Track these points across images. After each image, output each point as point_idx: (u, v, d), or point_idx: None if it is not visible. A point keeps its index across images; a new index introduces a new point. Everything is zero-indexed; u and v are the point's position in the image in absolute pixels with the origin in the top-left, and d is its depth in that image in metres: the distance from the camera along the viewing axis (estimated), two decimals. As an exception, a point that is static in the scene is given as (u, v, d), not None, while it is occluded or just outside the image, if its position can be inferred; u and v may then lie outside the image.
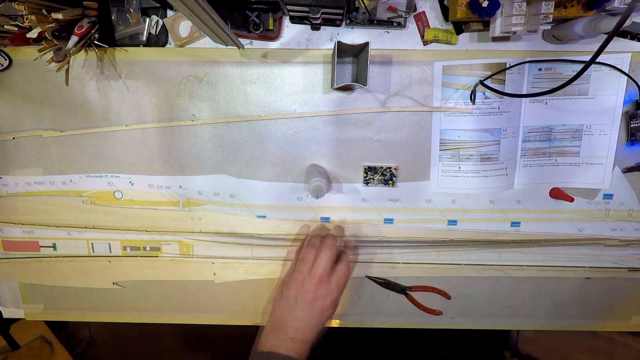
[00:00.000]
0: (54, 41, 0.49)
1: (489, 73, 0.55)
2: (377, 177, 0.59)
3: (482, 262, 0.63)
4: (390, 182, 0.60)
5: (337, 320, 0.66)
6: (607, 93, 0.56)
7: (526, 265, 0.63)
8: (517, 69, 0.55)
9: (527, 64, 0.55)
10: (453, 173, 0.59)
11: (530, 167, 0.59)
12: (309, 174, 0.56)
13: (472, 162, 0.58)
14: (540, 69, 0.55)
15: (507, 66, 0.54)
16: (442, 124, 0.58)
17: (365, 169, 0.60)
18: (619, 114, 0.57)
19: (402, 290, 0.62)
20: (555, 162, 0.59)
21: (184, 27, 0.56)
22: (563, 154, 0.59)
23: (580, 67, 0.54)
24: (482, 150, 0.57)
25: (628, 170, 0.58)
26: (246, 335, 0.61)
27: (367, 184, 0.60)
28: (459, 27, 0.55)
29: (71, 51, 0.50)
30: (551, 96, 0.56)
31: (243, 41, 0.55)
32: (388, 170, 0.59)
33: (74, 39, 0.50)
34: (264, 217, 0.62)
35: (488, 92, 0.55)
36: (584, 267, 0.63)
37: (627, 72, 0.55)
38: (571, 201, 0.59)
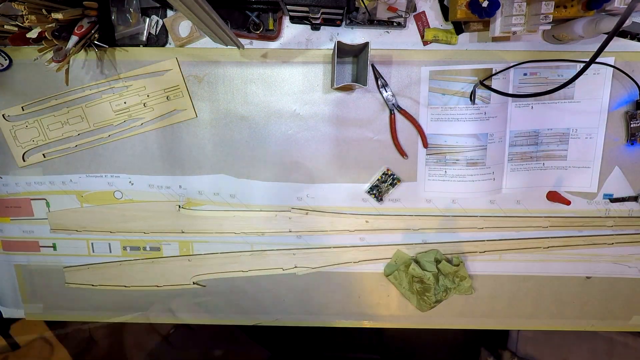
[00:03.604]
0: (54, 41, 0.49)
1: (475, 79, 0.55)
2: (383, 187, 0.59)
3: (484, 261, 0.63)
4: (396, 180, 0.59)
5: (342, 321, 0.66)
6: (592, 97, 0.56)
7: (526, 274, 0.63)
8: (503, 75, 0.55)
9: (512, 70, 0.55)
10: (439, 177, 0.59)
11: (518, 172, 0.59)
12: None
13: (459, 166, 0.58)
14: (525, 74, 0.56)
15: (494, 72, 0.55)
16: (429, 129, 0.58)
17: (368, 191, 0.60)
18: (604, 117, 0.57)
19: (393, 106, 0.56)
20: (542, 166, 0.59)
21: (184, 27, 0.56)
22: (550, 158, 0.59)
23: (563, 70, 0.55)
24: (469, 155, 0.57)
25: (615, 200, 0.59)
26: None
27: (381, 200, 0.60)
28: (459, 27, 0.55)
29: (71, 51, 0.50)
30: (537, 101, 0.57)
31: (243, 41, 0.55)
32: (383, 175, 0.59)
33: (74, 39, 0.50)
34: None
35: (479, 93, 0.55)
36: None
37: (611, 74, 0.55)
38: (568, 204, 0.59)
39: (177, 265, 0.64)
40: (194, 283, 0.64)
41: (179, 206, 0.61)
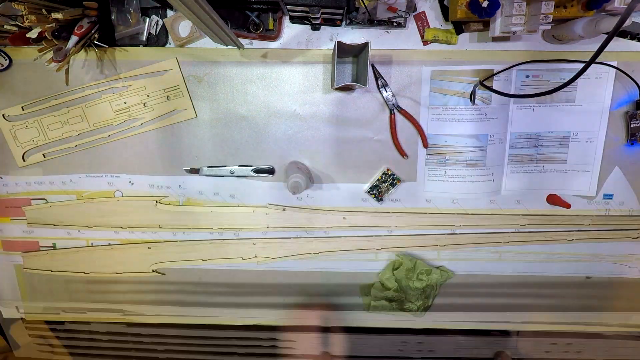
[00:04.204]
0: (54, 41, 0.49)
1: (476, 79, 0.55)
2: (383, 187, 0.59)
3: (483, 260, 0.63)
4: (397, 180, 0.59)
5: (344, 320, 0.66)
6: (593, 101, 0.56)
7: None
8: (505, 76, 0.55)
9: (514, 71, 0.55)
10: (439, 177, 0.59)
11: (518, 174, 0.59)
12: (289, 170, 0.57)
13: (458, 167, 0.58)
14: (527, 76, 0.56)
15: (495, 72, 0.54)
16: (429, 129, 0.58)
17: (368, 191, 0.60)
18: (605, 121, 0.57)
19: (393, 106, 0.56)
20: (542, 169, 0.59)
21: (184, 27, 0.56)
22: (550, 161, 0.59)
23: (566, 73, 0.55)
24: (468, 156, 0.57)
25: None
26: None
27: (381, 200, 0.60)
28: (459, 27, 0.55)
29: (71, 51, 0.50)
30: (539, 103, 0.57)
31: (243, 41, 0.55)
32: (383, 175, 0.59)
33: (74, 39, 0.50)
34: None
35: (480, 94, 0.55)
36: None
37: (614, 77, 0.55)
38: (568, 207, 0.59)
39: (137, 253, 0.64)
40: (153, 271, 0.64)
41: (157, 202, 0.61)
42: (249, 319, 0.67)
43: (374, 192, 0.60)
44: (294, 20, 0.54)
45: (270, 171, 0.59)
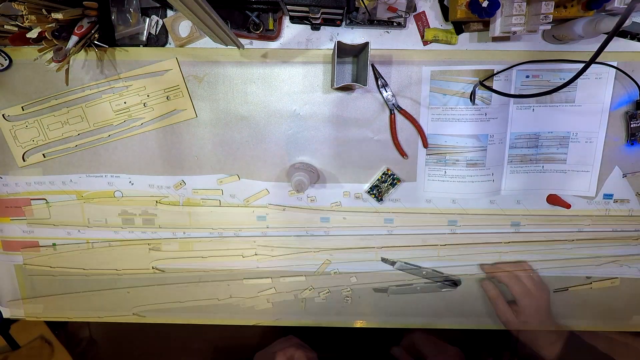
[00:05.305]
0: (54, 41, 0.49)
1: (477, 79, 0.55)
2: (383, 187, 0.59)
3: (483, 260, 0.63)
4: (397, 180, 0.59)
5: (340, 320, 0.66)
6: (593, 101, 0.56)
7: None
8: (505, 76, 0.55)
9: (514, 71, 0.55)
10: (439, 177, 0.59)
11: (517, 174, 0.59)
12: (290, 171, 0.57)
13: (458, 167, 0.58)
14: (527, 76, 0.56)
15: (495, 72, 0.54)
16: (429, 129, 0.58)
17: (368, 191, 0.60)
18: (605, 121, 0.57)
19: (393, 106, 0.56)
20: (542, 169, 0.59)
21: (184, 27, 0.56)
22: (550, 161, 0.59)
23: (566, 74, 0.55)
24: (468, 156, 0.57)
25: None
26: (245, 336, 0.61)
27: (381, 200, 0.60)
28: (459, 27, 0.55)
29: (71, 51, 0.50)
30: (538, 103, 0.57)
31: (243, 41, 0.55)
32: (383, 175, 0.59)
33: (74, 39, 0.50)
34: (264, 217, 0.62)
35: (480, 94, 0.55)
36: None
37: (614, 77, 0.55)
38: (568, 207, 0.59)
39: (137, 252, 0.64)
40: (153, 268, 0.64)
41: (157, 202, 0.61)
42: (249, 318, 0.67)
43: (374, 192, 0.60)
44: (294, 20, 0.54)
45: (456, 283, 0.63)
